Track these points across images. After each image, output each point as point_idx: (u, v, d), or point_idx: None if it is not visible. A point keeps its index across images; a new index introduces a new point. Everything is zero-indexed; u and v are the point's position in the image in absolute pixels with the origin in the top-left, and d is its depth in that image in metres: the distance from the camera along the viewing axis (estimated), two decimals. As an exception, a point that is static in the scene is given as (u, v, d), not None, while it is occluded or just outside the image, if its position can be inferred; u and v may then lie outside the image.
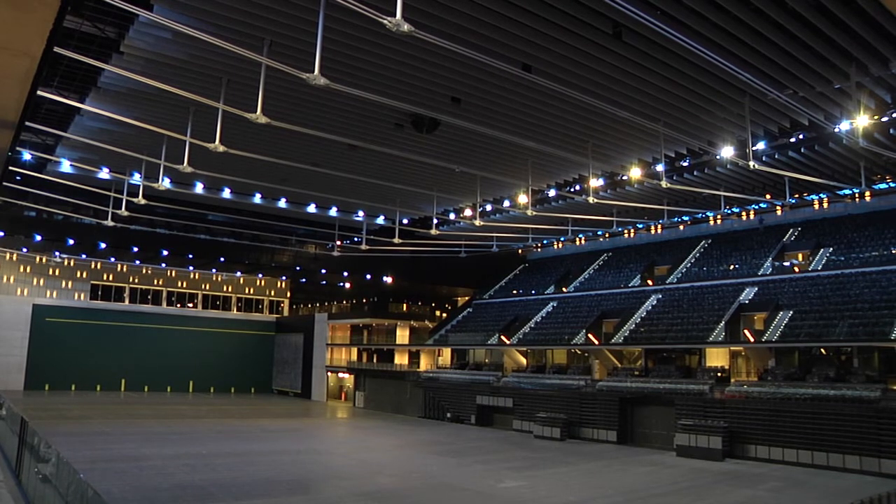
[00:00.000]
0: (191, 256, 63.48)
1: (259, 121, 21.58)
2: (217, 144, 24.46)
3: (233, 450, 34.11)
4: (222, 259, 63.51)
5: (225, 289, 76.91)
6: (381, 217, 52.21)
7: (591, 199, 34.91)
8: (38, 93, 19.46)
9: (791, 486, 27.40)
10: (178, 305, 74.07)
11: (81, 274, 69.04)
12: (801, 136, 34.96)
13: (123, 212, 37.80)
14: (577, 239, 64.99)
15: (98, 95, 28.42)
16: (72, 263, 68.03)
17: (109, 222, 39.58)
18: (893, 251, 41.22)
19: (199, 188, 43.51)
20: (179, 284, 74.18)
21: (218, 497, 22.80)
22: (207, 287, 75.69)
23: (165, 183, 33.59)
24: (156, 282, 72.71)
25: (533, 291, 61.95)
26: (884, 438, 29.77)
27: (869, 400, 31.36)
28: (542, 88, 24.79)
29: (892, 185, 45.03)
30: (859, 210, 47.60)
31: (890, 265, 39.79)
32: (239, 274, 76.51)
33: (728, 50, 23.03)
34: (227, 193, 45.00)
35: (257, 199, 47.27)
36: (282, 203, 47.76)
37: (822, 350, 37.53)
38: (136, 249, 57.67)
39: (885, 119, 31.39)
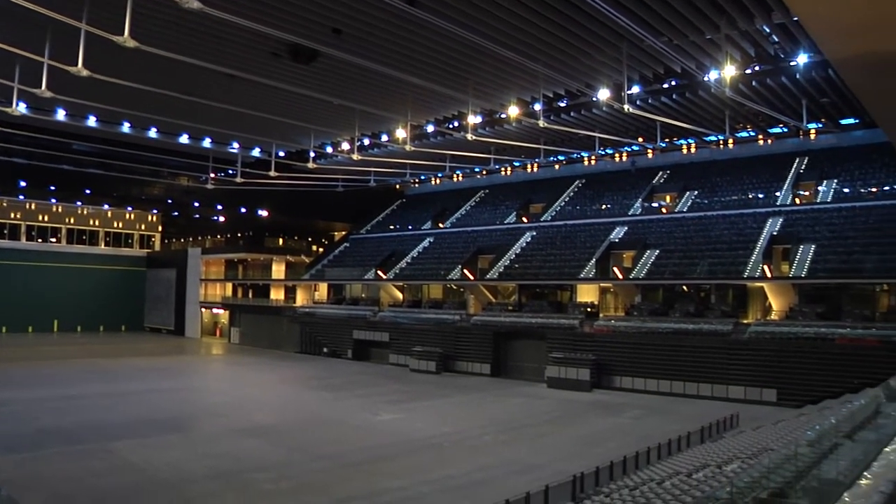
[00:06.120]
0: (53, 188, 59.80)
1: (127, 45, 20.15)
2: (80, 68, 22.68)
3: (102, 391, 32.89)
4: (88, 191, 60.13)
5: (91, 223, 72.42)
6: (257, 149, 50.57)
7: (469, 136, 35.15)
8: None
9: (651, 413, 29.34)
10: (40, 241, 68.72)
11: (-77, 205, 63.29)
12: (673, 83, 36.34)
13: (-28, 137, 34.82)
14: (455, 175, 65.46)
15: (-63, 6, 25.63)
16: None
17: (-45, 148, 36.42)
18: (750, 196, 43.95)
19: (60, 115, 40.30)
20: (40, 218, 68.88)
21: (87, 439, 21.95)
22: (72, 221, 70.88)
23: (21, 108, 30.96)
24: (13, 215, 67.19)
25: (410, 227, 62.19)
26: (731, 367, 32.51)
27: (722, 333, 33.87)
28: (425, 23, 24.37)
29: (752, 133, 47.75)
30: (723, 156, 50.29)
31: (746, 209, 42.56)
32: (107, 207, 72.12)
33: (608, -6, 23.33)
34: (92, 122, 42.15)
35: (126, 128, 44.33)
36: (152, 133, 45.23)
37: (685, 287, 39.91)
38: (-12, 180, 53.51)
39: (748, 71, 33.13)
